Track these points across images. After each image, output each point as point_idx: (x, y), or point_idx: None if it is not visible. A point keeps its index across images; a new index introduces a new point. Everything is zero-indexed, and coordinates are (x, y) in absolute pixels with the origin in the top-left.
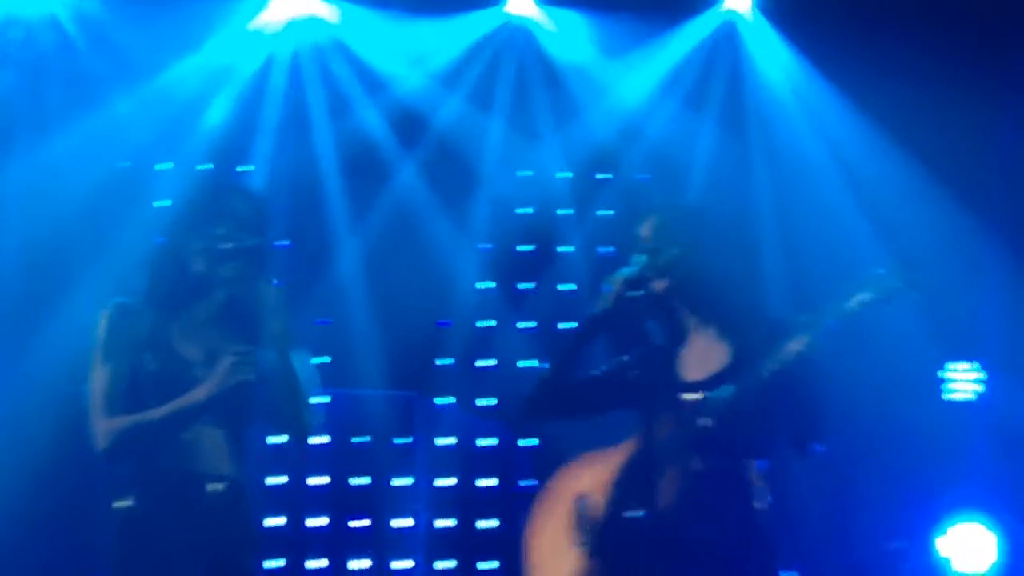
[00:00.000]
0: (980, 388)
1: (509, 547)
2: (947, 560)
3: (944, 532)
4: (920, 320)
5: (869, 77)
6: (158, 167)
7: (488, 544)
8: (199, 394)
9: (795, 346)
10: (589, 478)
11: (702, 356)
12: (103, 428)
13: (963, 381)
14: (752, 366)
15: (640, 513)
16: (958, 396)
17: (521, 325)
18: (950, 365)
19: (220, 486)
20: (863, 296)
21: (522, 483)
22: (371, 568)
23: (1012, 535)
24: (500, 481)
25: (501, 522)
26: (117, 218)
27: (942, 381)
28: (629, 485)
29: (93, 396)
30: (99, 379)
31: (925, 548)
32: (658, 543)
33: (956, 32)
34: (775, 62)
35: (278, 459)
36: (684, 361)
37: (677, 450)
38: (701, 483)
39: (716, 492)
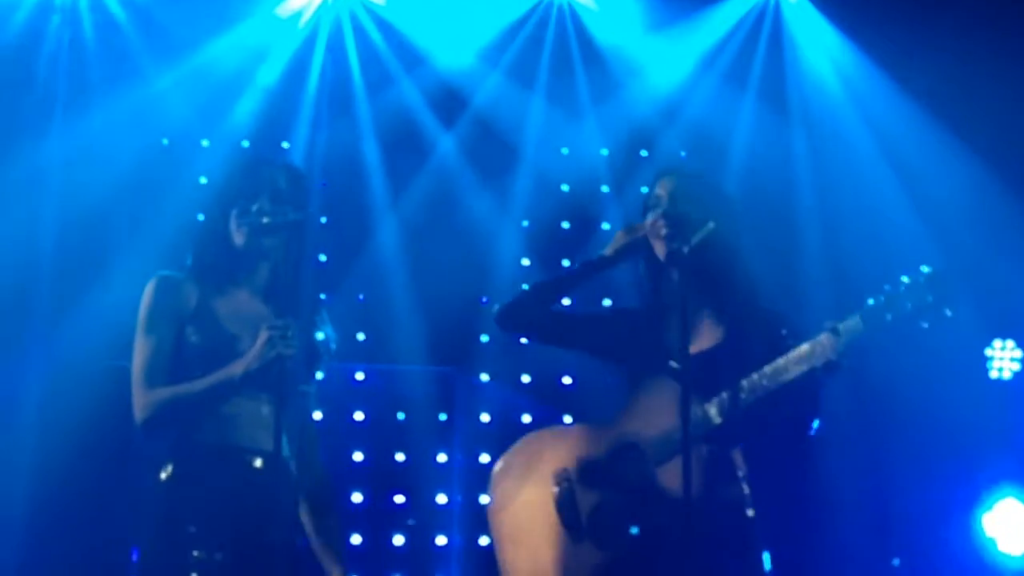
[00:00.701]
0: (1018, 367)
1: None
2: (992, 540)
3: (990, 508)
4: (962, 297)
5: (913, 57)
6: (200, 143)
7: None
8: (237, 368)
9: (818, 356)
10: (565, 451)
11: (695, 333)
12: (143, 400)
13: (1003, 359)
14: (747, 355)
15: (632, 495)
16: (999, 374)
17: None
18: (995, 343)
19: (258, 460)
20: (895, 312)
21: None
22: (407, 544)
23: None
24: None
25: None
26: (158, 193)
27: (987, 359)
28: (623, 459)
29: (135, 368)
30: (141, 351)
31: (969, 525)
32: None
33: (1003, 12)
34: (817, 40)
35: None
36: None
37: (675, 427)
38: (702, 475)
39: (716, 488)
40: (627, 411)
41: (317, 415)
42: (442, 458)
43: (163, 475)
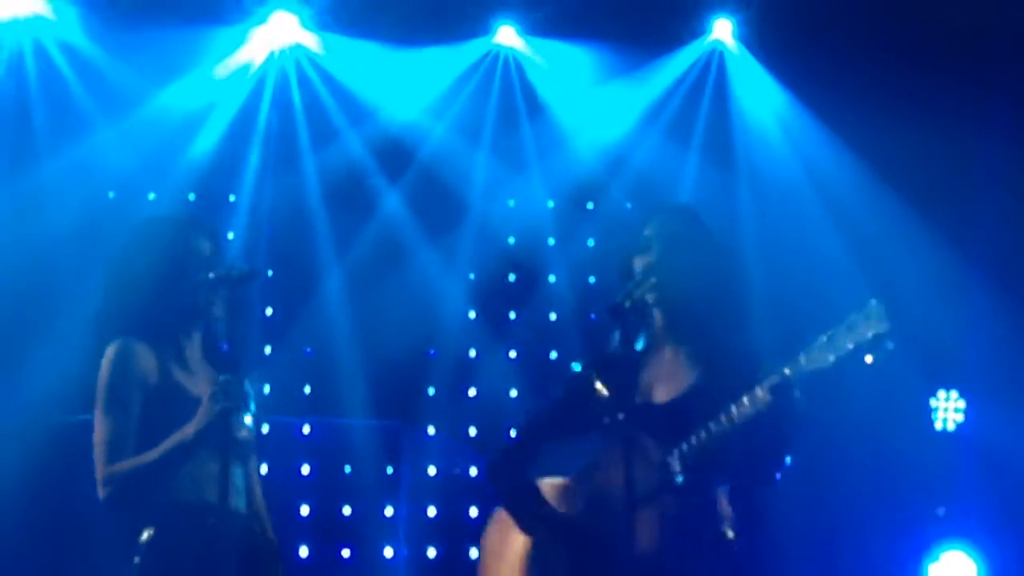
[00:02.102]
0: (961, 418)
1: None
2: None
3: (936, 558)
4: (907, 348)
5: (853, 107)
6: (146, 196)
7: (474, 573)
8: (188, 430)
9: (766, 395)
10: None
11: (669, 377)
12: (104, 474)
13: (947, 410)
14: (719, 394)
15: (610, 547)
16: (943, 425)
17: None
18: (939, 393)
19: (231, 515)
20: (838, 351)
21: None
22: None
23: (993, 562)
24: (485, 511)
25: None
26: (105, 246)
27: (931, 410)
28: (596, 518)
29: (99, 442)
30: (106, 425)
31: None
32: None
33: (940, 66)
34: (759, 93)
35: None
36: (651, 380)
37: (643, 479)
38: (673, 520)
39: (689, 527)
40: (596, 463)
41: (263, 468)
42: (389, 511)
43: (144, 538)
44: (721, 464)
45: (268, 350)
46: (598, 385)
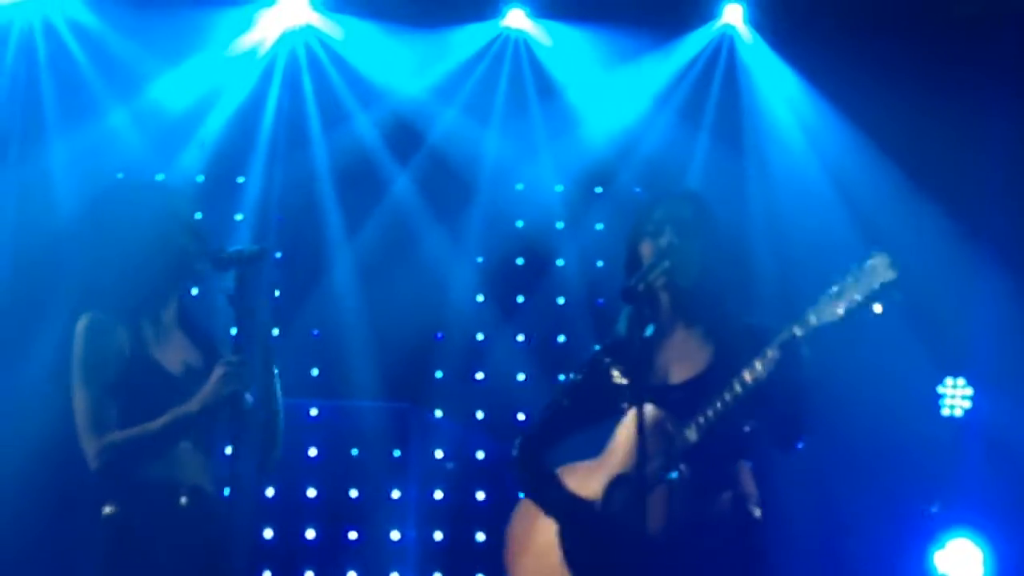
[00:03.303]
0: (968, 404)
1: (500, 560)
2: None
3: (942, 546)
4: (914, 335)
5: (863, 92)
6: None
7: (481, 557)
8: (193, 405)
9: (775, 354)
10: (574, 489)
11: (684, 357)
12: (95, 446)
13: (954, 397)
14: (733, 369)
15: (630, 526)
16: (950, 412)
17: (515, 337)
18: (947, 380)
19: (202, 497)
20: (848, 303)
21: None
22: None
23: (999, 550)
24: (492, 494)
25: (492, 536)
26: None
27: (939, 396)
28: (616, 498)
29: (80, 414)
30: (86, 397)
31: (921, 562)
32: (650, 556)
33: (949, 49)
34: (770, 77)
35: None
36: (666, 362)
37: (662, 459)
38: (689, 491)
39: (704, 501)
40: (615, 443)
41: None
42: (396, 494)
43: (106, 512)
44: (738, 432)
45: (276, 332)
46: (614, 371)
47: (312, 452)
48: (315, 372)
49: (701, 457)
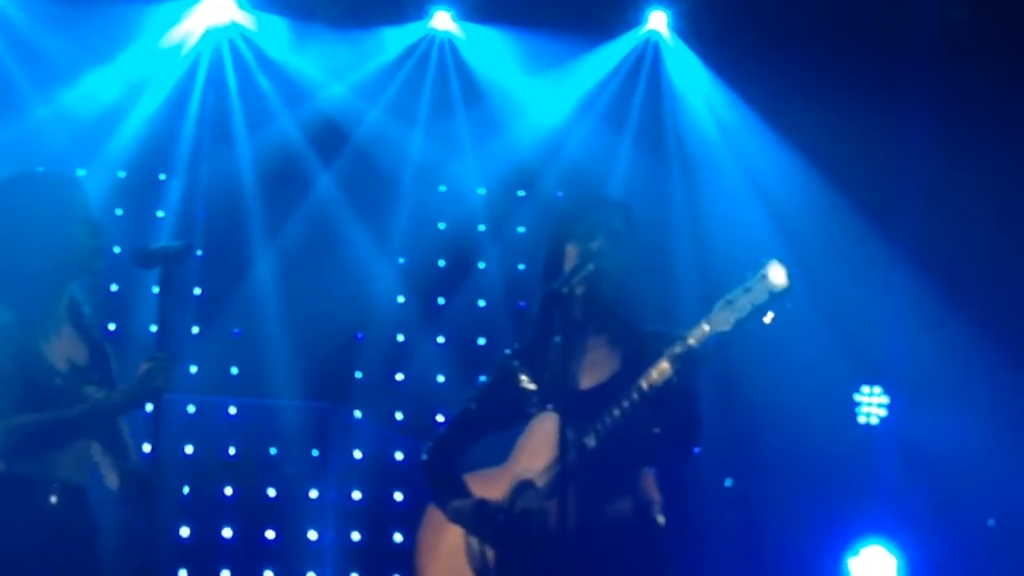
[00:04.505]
0: (884, 412)
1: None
2: None
3: (856, 553)
4: (831, 343)
5: (784, 98)
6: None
7: (398, 558)
8: (115, 398)
9: (669, 365)
10: (480, 495)
11: (593, 363)
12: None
13: (870, 405)
14: (638, 376)
15: (533, 531)
16: (866, 419)
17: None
18: (863, 388)
19: (76, 492)
20: (738, 313)
21: None
22: None
23: (912, 557)
24: (410, 495)
25: (409, 537)
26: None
27: (855, 404)
28: (519, 503)
29: None
30: None
31: (836, 568)
32: (553, 561)
33: (866, 56)
34: (693, 83)
35: (187, 469)
36: (575, 368)
37: (568, 465)
38: (588, 496)
39: (605, 507)
40: (520, 448)
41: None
42: (314, 494)
43: None
44: (639, 439)
45: (196, 330)
46: (523, 375)
47: (231, 451)
48: (235, 370)
49: (601, 463)
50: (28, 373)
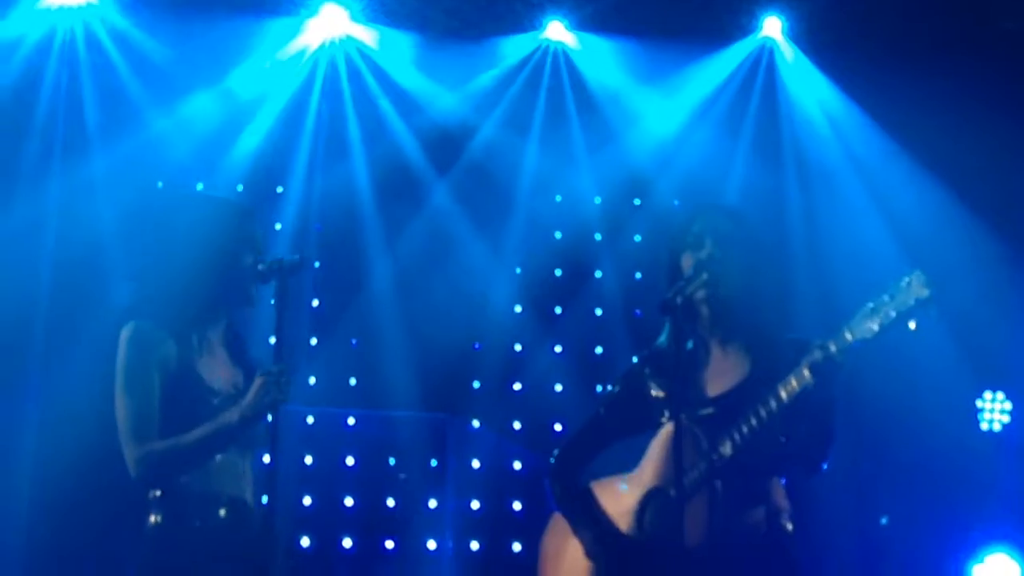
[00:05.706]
0: (1007, 419)
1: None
2: None
3: (980, 560)
4: (954, 349)
5: (904, 105)
6: (195, 186)
7: (517, 567)
8: (233, 415)
9: (812, 369)
10: (607, 504)
11: (721, 370)
12: (136, 454)
13: (993, 411)
14: (770, 384)
15: (663, 540)
16: (989, 426)
17: (553, 348)
18: (986, 394)
19: (241, 508)
20: (882, 319)
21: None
22: None
23: None
24: (529, 505)
25: (528, 546)
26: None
27: (978, 410)
28: (650, 512)
29: (123, 422)
30: (127, 405)
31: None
32: (684, 570)
33: (989, 61)
34: (810, 90)
35: (306, 480)
36: (703, 375)
37: (697, 471)
38: (723, 505)
39: (738, 516)
40: (649, 457)
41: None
42: (433, 503)
43: (151, 521)
44: (772, 447)
45: (314, 341)
46: (652, 383)
47: (349, 461)
48: (353, 381)
49: (735, 471)
50: (187, 395)
